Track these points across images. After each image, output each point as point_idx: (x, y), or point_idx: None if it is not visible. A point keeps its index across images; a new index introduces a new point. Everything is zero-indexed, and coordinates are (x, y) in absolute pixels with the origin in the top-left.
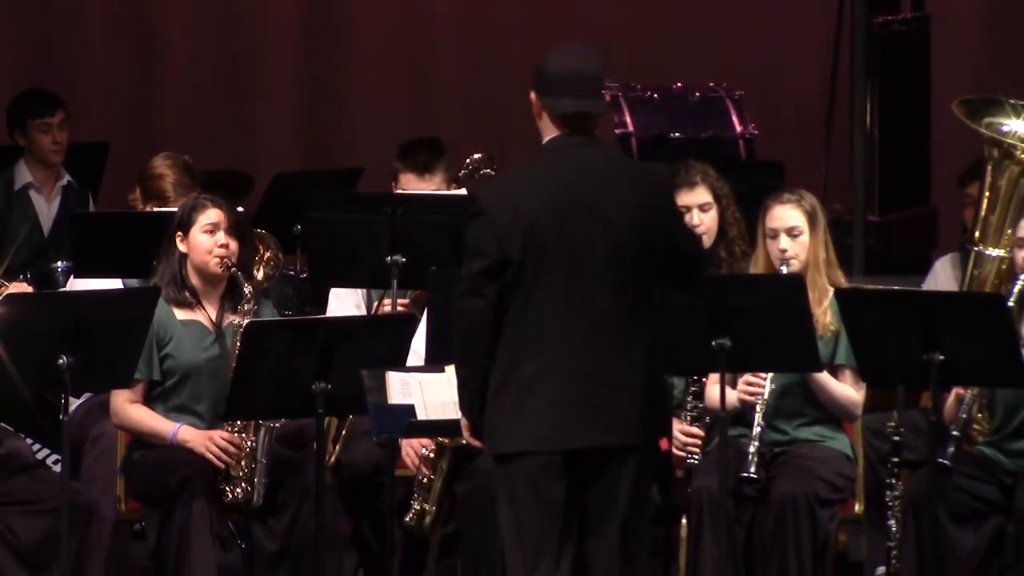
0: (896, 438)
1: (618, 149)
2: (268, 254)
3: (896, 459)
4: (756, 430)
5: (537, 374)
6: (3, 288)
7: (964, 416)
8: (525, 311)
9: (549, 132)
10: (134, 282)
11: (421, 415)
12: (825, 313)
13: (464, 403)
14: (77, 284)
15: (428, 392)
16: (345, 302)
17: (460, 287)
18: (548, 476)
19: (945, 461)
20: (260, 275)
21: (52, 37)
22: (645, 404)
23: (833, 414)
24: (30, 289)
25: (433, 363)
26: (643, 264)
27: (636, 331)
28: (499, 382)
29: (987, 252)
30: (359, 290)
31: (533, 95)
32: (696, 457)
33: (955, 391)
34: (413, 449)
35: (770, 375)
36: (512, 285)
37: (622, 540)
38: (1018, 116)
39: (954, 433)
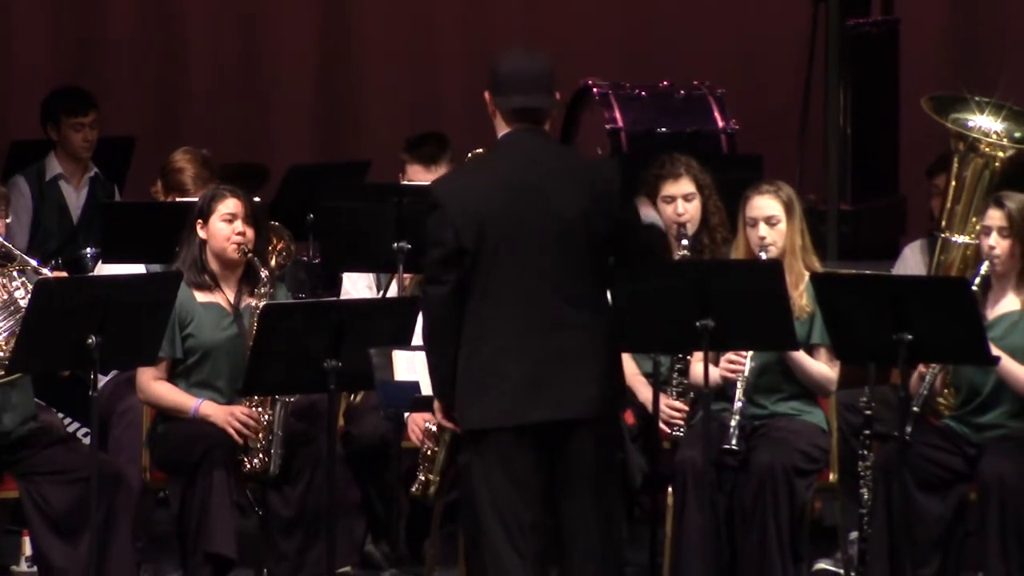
0: (867, 412)
1: (562, 144)
2: (280, 244)
3: (867, 432)
4: (737, 405)
5: (497, 356)
6: (38, 273)
7: (924, 393)
8: (483, 297)
9: (502, 128)
10: (157, 267)
11: (426, 391)
12: (801, 296)
13: (435, 386)
14: (105, 269)
15: None
16: (357, 284)
17: (423, 277)
18: (514, 450)
19: (905, 436)
20: (273, 263)
21: (83, 37)
22: (599, 379)
23: (809, 390)
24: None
25: None
26: (592, 249)
27: (588, 311)
28: (463, 365)
29: (953, 239)
30: (369, 274)
31: (487, 94)
32: (681, 430)
33: (920, 369)
34: (417, 424)
35: (750, 353)
36: (470, 272)
37: (596, 505)
38: (982, 112)
39: (914, 409)
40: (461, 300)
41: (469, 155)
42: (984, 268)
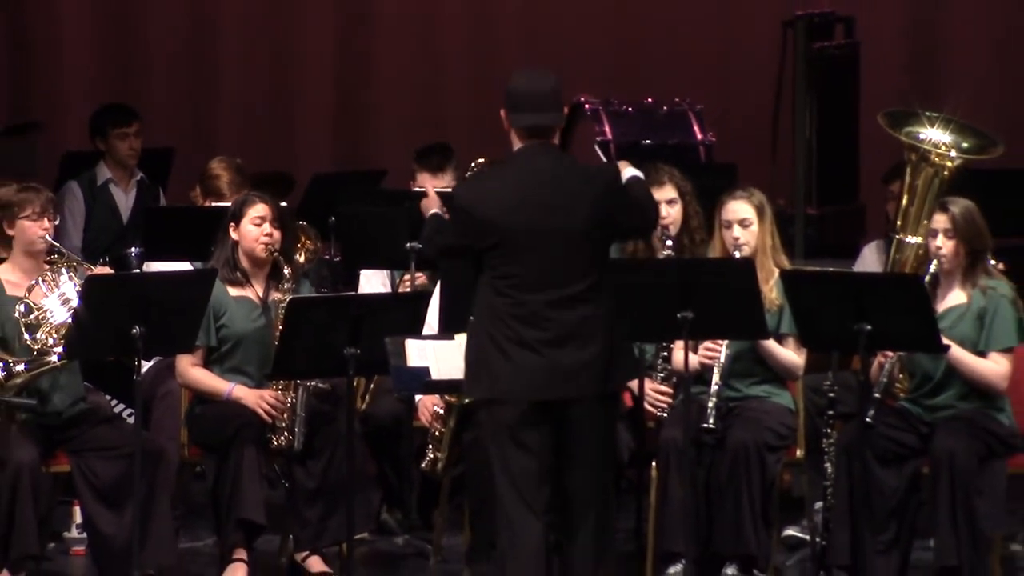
0: (831, 395)
1: (573, 156)
2: (308, 243)
3: (831, 412)
4: (714, 388)
5: (508, 340)
6: (88, 270)
7: (884, 380)
8: (499, 288)
9: (516, 142)
10: (192, 265)
11: (435, 376)
12: (771, 290)
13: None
14: (149, 266)
15: (440, 357)
16: (373, 280)
17: (426, 246)
18: (523, 423)
19: (868, 419)
20: (301, 259)
21: (126, 60)
22: (603, 360)
23: (778, 374)
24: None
25: (444, 332)
26: (595, 245)
27: (592, 300)
28: (477, 347)
29: (907, 240)
30: (384, 271)
31: (503, 112)
32: (665, 411)
33: (879, 356)
34: (427, 407)
35: (725, 342)
36: (486, 267)
37: (596, 475)
38: (932, 126)
39: (876, 395)
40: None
41: (472, 164)
42: (933, 266)
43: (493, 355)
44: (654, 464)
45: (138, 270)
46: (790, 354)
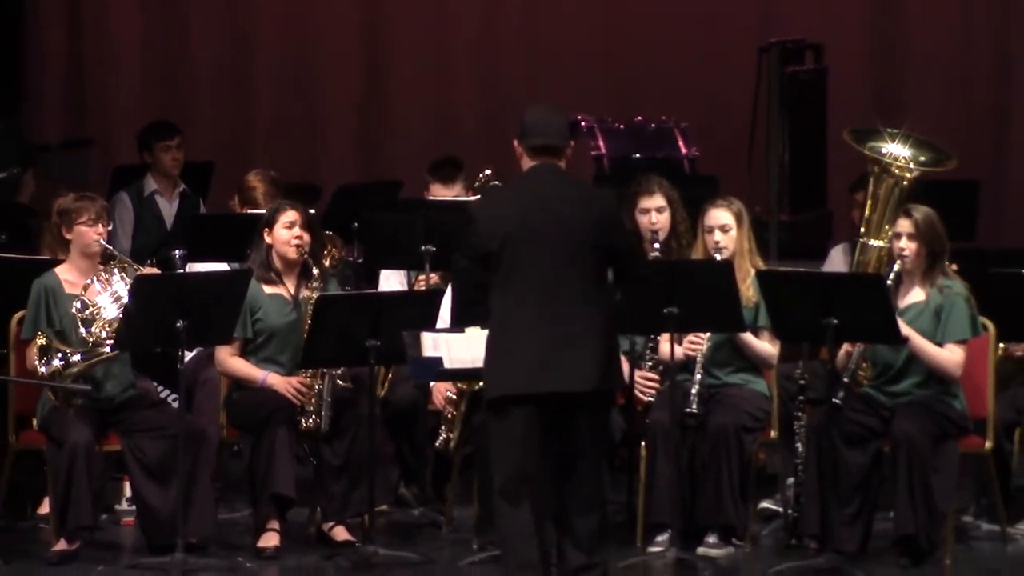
0: (802, 382)
1: (578, 177)
2: (334, 251)
3: (802, 397)
4: (697, 376)
5: (516, 341)
6: (137, 270)
7: (853, 367)
8: (505, 293)
9: (526, 163)
10: (230, 265)
11: (447, 365)
12: (748, 288)
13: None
14: (191, 267)
15: (452, 348)
16: (392, 280)
17: (453, 268)
18: (526, 415)
19: (838, 400)
20: (328, 264)
21: (172, 81)
22: (600, 359)
23: (754, 364)
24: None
25: (455, 326)
26: (595, 255)
27: (592, 304)
28: (489, 349)
29: (870, 243)
30: (401, 271)
31: (516, 143)
32: (652, 396)
33: (845, 347)
34: (440, 392)
35: (707, 335)
36: (495, 273)
37: (590, 463)
38: (893, 141)
39: (845, 379)
40: (485, 286)
41: (480, 175)
42: (896, 266)
43: (501, 355)
44: (643, 444)
45: (181, 270)
46: (765, 345)
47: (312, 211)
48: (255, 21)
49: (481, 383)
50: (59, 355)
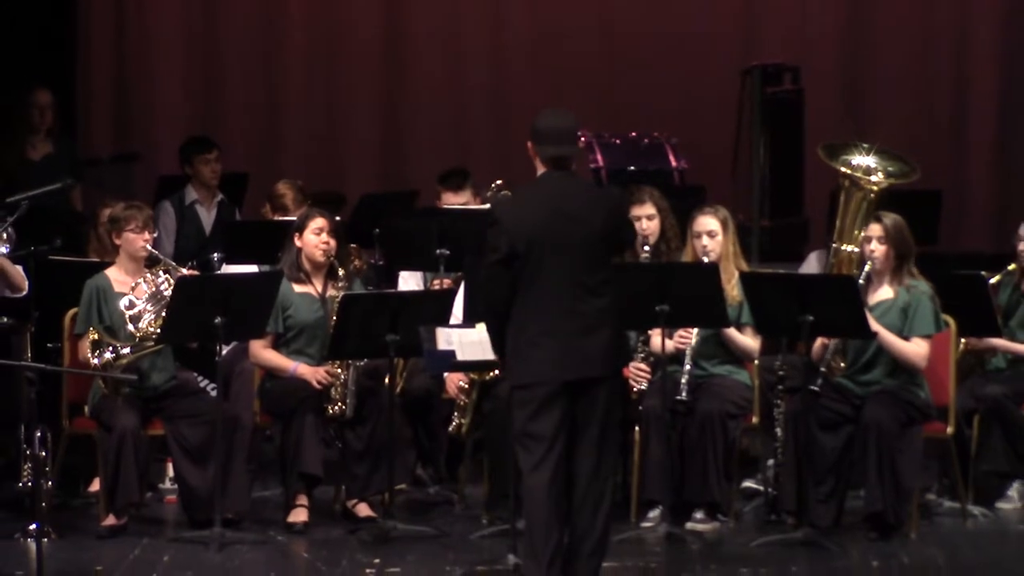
0: (781, 373)
1: (588, 179)
2: (357, 262)
3: (781, 387)
4: (686, 367)
5: (539, 332)
6: (179, 272)
7: (828, 358)
8: (529, 289)
9: (540, 168)
10: (262, 267)
11: (460, 357)
12: (733, 288)
13: (495, 345)
14: (228, 269)
15: (464, 342)
16: (410, 280)
17: (483, 274)
18: (550, 399)
19: (815, 388)
20: (352, 268)
21: (210, 98)
22: (612, 346)
23: (738, 356)
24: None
25: (467, 322)
26: (605, 252)
27: (604, 296)
28: (514, 340)
29: (843, 248)
30: (418, 273)
31: (529, 144)
32: (645, 385)
33: (821, 340)
34: (453, 382)
35: (695, 330)
36: (520, 271)
37: (600, 438)
38: (863, 155)
39: (822, 369)
40: (512, 290)
41: (492, 185)
42: (868, 267)
43: (529, 346)
44: (637, 429)
45: (219, 272)
46: (748, 340)
47: (338, 218)
48: (284, 46)
49: (491, 373)
50: (110, 348)
